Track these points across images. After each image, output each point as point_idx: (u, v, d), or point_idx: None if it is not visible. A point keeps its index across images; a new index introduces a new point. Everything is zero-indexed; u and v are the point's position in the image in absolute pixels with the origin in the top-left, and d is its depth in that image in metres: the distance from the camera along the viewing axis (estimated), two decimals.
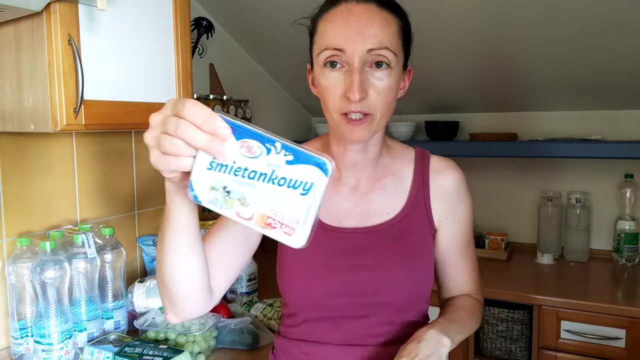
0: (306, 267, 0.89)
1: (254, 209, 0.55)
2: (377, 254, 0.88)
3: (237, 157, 0.55)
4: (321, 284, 0.88)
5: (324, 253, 0.88)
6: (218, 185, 0.55)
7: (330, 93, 0.81)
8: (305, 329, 0.91)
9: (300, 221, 0.54)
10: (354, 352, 0.88)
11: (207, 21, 1.84)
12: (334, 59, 0.79)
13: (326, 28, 0.81)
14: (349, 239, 0.89)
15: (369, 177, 0.92)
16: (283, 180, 0.54)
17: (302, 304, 0.91)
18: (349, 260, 0.88)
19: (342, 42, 0.78)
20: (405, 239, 0.89)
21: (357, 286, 0.87)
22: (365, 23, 0.78)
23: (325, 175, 0.53)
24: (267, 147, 0.56)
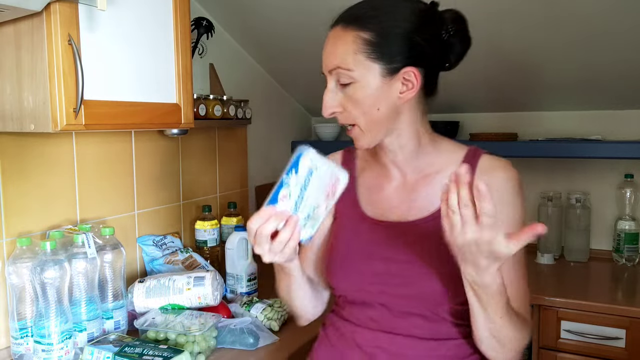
0: (345, 255, 0.97)
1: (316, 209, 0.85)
2: (408, 247, 0.91)
3: (292, 204, 0.83)
4: (356, 272, 0.94)
5: (365, 243, 0.95)
6: (302, 222, 0.84)
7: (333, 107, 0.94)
8: (348, 311, 0.99)
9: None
10: (387, 338, 0.92)
11: (207, 21, 1.84)
12: (327, 79, 0.93)
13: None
14: (388, 232, 0.93)
15: (415, 174, 0.96)
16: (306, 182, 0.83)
17: (340, 287, 0.98)
18: (383, 252, 0.92)
19: (323, 67, 0.93)
20: (437, 235, 0.88)
21: (388, 277, 0.91)
22: (329, 47, 0.91)
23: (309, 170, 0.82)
24: (286, 181, 0.83)
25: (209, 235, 1.76)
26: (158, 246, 1.63)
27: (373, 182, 1.00)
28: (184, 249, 1.67)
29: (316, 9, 1.79)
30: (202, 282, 1.37)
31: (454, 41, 0.91)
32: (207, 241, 1.76)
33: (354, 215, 0.98)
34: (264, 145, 2.33)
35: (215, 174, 1.98)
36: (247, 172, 2.18)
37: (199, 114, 1.64)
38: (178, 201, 1.78)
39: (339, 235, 1.00)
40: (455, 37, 0.91)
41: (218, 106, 1.72)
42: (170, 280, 1.39)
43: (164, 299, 1.37)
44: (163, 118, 1.25)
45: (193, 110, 1.38)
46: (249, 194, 2.20)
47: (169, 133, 1.62)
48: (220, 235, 1.83)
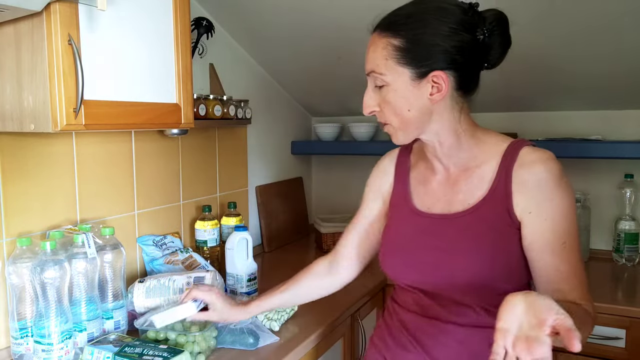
0: (394, 245, 1.06)
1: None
2: (447, 238, 0.97)
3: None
4: (403, 258, 1.03)
5: (411, 233, 1.03)
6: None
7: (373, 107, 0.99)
8: (398, 296, 1.09)
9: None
10: (431, 325, 0.99)
11: (207, 21, 1.84)
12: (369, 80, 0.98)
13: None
14: (432, 223, 1.00)
15: (457, 168, 1.01)
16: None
17: (391, 273, 1.07)
18: (427, 241, 0.99)
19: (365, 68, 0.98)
20: (476, 227, 0.94)
21: (433, 267, 0.98)
22: (368, 52, 0.96)
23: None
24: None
25: (209, 235, 1.76)
26: (158, 246, 1.63)
27: (422, 176, 1.07)
28: (184, 249, 1.67)
29: (316, 9, 1.79)
30: (202, 282, 1.37)
31: (493, 41, 0.94)
32: (207, 241, 1.77)
33: (405, 207, 1.06)
34: (264, 145, 2.33)
35: (215, 174, 1.98)
36: (247, 172, 2.18)
37: (199, 114, 1.64)
38: (178, 201, 1.78)
39: (390, 226, 1.09)
40: (493, 37, 0.93)
41: (218, 106, 1.72)
42: (170, 280, 1.39)
43: (164, 299, 1.37)
44: (163, 118, 1.25)
45: (193, 110, 1.38)
46: (249, 194, 2.20)
47: (169, 133, 1.62)
48: (220, 235, 1.83)
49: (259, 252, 2.21)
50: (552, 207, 0.89)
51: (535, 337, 0.65)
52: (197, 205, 1.86)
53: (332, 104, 2.56)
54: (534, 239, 0.91)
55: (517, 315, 0.67)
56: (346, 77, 2.20)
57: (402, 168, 1.11)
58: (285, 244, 2.37)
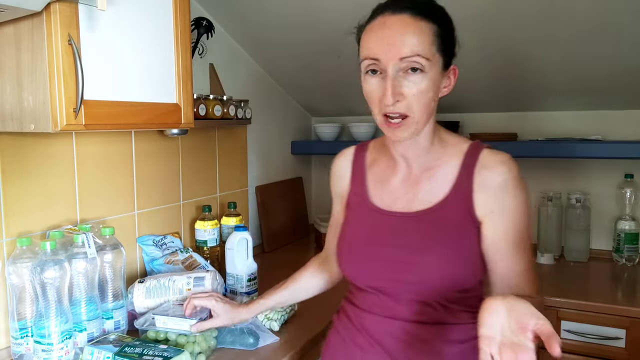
0: (352, 243, 1.03)
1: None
2: (413, 236, 0.96)
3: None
4: (362, 259, 1.01)
5: (371, 231, 1.01)
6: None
7: (371, 97, 0.92)
8: (356, 297, 1.06)
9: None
10: (392, 325, 0.97)
11: (207, 21, 1.84)
12: (373, 67, 0.90)
13: (365, 39, 0.92)
14: (395, 221, 0.99)
15: (420, 167, 1.00)
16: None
17: (348, 274, 1.05)
18: (389, 239, 0.98)
19: (377, 52, 0.88)
20: (441, 225, 0.95)
21: (392, 264, 0.96)
22: (398, 33, 0.87)
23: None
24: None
25: (209, 235, 1.76)
26: (158, 246, 1.63)
27: (381, 174, 1.05)
28: (184, 249, 1.67)
29: (316, 9, 1.79)
30: (202, 283, 1.37)
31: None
32: (207, 241, 1.77)
33: (363, 205, 1.04)
34: (264, 145, 2.33)
35: (215, 174, 1.98)
36: (247, 172, 2.18)
37: (199, 114, 1.64)
38: (178, 201, 1.78)
39: (348, 224, 1.07)
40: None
41: (218, 106, 1.72)
42: (170, 281, 1.39)
43: (164, 299, 1.37)
44: (163, 118, 1.25)
45: (193, 110, 1.38)
46: (249, 194, 2.20)
47: (169, 133, 1.62)
48: (220, 235, 1.83)
49: (259, 252, 2.21)
50: (513, 206, 0.93)
51: (520, 343, 0.66)
52: (197, 205, 1.86)
53: (332, 104, 2.56)
54: (496, 237, 0.93)
55: (499, 320, 0.69)
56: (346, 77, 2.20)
57: (359, 167, 1.09)
58: (285, 244, 2.37)
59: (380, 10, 0.91)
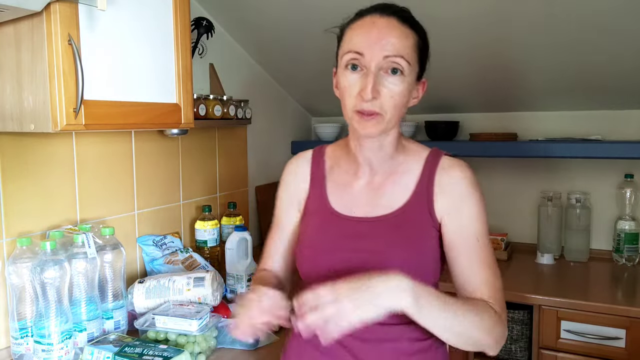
0: (316, 248, 1.02)
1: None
2: (377, 239, 0.97)
3: None
4: (327, 262, 0.99)
5: (333, 236, 1.00)
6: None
7: (348, 92, 0.92)
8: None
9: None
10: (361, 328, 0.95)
11: (207, 21, 1.84)
12: (355, 62, 0.91)
13: (351, 35, 0.94)
14: (356, 226, 0.99)
15: (383, 173, 1.01)
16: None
17: (311, 279, 1.01)
18: (353, 244, 0.98)
19: (363, 47, 0.90)
20: (404, 228, 0.97)
21: (354, 268, 0.94)
22: (385, 33, 0.90)
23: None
24: None
25: (209, 235, 1.76)
26: (158, 246, 1.63)
27: (341, 180, 1.05)
28: (184, 249, 1.67)
29: (316, 10, 1.79)
30: (202, 283, 1.37)
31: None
32: (207, 241, 1.77)
33: (323, 210, 1.04)
34: (264, 145, 2.33)
35: (215, 174, 1.98)
36: (247, 172, 2.18)
37: (199, 114, 1.64)
38: (178, 201, 1.78)
39: (308, 230, 1.05)
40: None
41: (218, 106, 1.72)
42: (170, 281, 1.39)
43: (164, 300, 1.37)
44: (163, 118, 1.25)
45: (193, 110, 1.38)
46: (249, 194, 2.20)
47: (169, 133, 1.62)
48: (220, 235, 1.83)
49: (259, 252, 2.20)
50: (468, 208, 0.97)
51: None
52: (197, 205, 1.86)
53: (332, 104, 2.55)
54: (453, 237, 0.97)
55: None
56: None
57: (318, 172, 1.08)
58: None
59: (368, 12, 0.94)
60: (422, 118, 2.36)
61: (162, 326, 1.23)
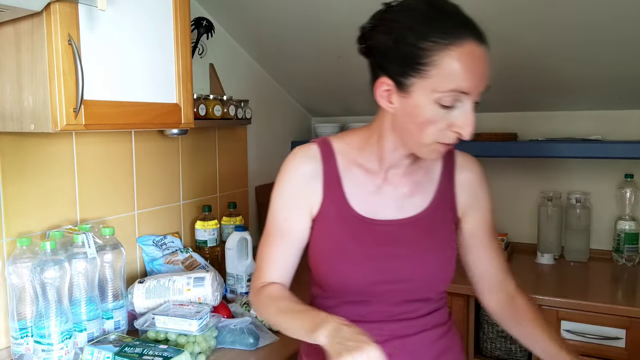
0: (346, 258, 0.95)
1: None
2: (411, 243, 0.96)
3: None
4: (361, 273, 0.94)
5: (362, 244, 0.95)
6: None
7: (436, 126, 0.84)
8: (343, 311, 0.94)
9: None
10: (387, 326, 0.96)
11: (207, 21, 1.84)
12: (454, 99, 0.82)
13: (452, 67, 0.81)
14: (387, 230, 0.96)
15: (404, 174, 0.99)
16: None
17: (343, 291, 0.97)
18: (385, 250, 0.95)
19: (470, 86, 0.82)
20: (435, 229, 0.98)
21: (394, 273, 0.95)
22: (486, 69, 0.84)
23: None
24: None
25: (209, 235, 1.76)
26: (158, 246, 1.63)
27: (361, 180, 0.98)
28: (184, 249, 1.67)
29: (316, 10, 1.79)
30: (202, 283, 1.37)
31: None
32: (207, 241, 1.77)
33: (344, 214, 0.96)
34: (264, 145, 2.33)
35: (215, 174, 1.98)
36: (247, 172, 2.18)
37: (199, 114, 1.64)
38: (178, 201, 1.78)
39: (333, 238, 0.96)
40: None
41: (218, 106, 1.72)
42: (170, 281, 1.39)
43: (164, 300, 1.37)
44: (163, 118, 1.25)
45: (193, 110, 1.38)
46: (249, 194, 2.20)
47: (169, 133, 1.62)
48: (220, 235, 1.83)
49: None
50: (485, 198, 1.05)
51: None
52: (197, 205, 1.86)
53: (332, 104, 2.56)
54: (478, 228, 1.04)
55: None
56: (346, 77, 2.20)
57: (331, 173, 0.97)
58: None
59: (465, 35, 0.82)
60: None
61: (162, 326, 1.23)
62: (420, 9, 0.85)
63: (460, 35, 0.81)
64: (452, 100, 0.82)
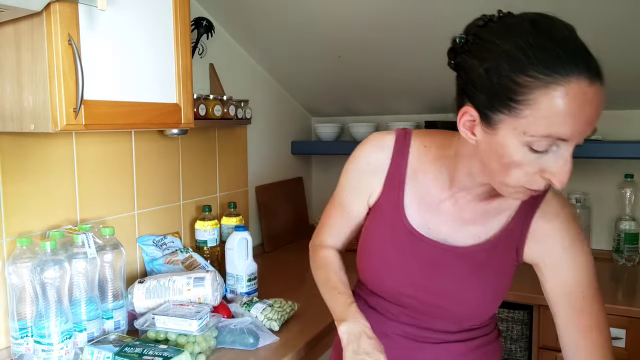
0: (382, 260, 0.94)
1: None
2: (453, 275, 0.89)
3: None
4: (395, 282, 0.94)
5: (402, 254, 0.92)
6: None
7: (524, 170, 0.72)
8: (376, 301, 1.00)
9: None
10: (411, 345, 0.96)
11: (207, 21, 1.84)
12: (549, 145, 0.69)
13: (551, 111, 0.66)
14: (433, 252, 0.90)
15: (474, 197, 0.88)
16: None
17: (374, 287, 0.99)
18: (425, 270, 0.90)
19: (570, 133, 0.68)
20: (487, 269, 0.88)
21: (425, 295, 0.92)
22: (596, 112, 0.68)
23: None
24: None
25: (209, 235, 1.76)
26: (158, 246, 1.63)
27: (424, 190, 0.91)
28: (184, 249, 1.67)
29: (316, 9, 1.79)
30: (202, 283, 1.37)
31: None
32: (207, 241, 1.77)
33: (397, 222, 0.92)
34: (264, 145, 2.33)
35: (215, 174, 1.98)
36: (247, 172, 2.18)
37: (199, 114, 1.64)
38: (178, 201, 1.78)
39: (378, 239, 0.95)
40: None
41: (218, 106, 1.72)
42: (170, 281, 1.39)
43: (164, 300, 1.37)
44: (163, 118, 1.25)
45: (193, 110, 1.38)
46: (249, 194, 2.20)
47: (169, 133, 1.62)
48: (220, 235, 1.83)
49: (259, 252, 2.20)
50: (571, 260, 0.85)
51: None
52: (197, 205, 1.86)
53: (332, 104, 2.56)
54: (551, 291, 0.86)
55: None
56: (346, 77, 2.20)
57: (397, 171, 0.92)
58: (285, 244, 2.37)
59: (573, 71, 0.68)
60: (422, 118, 2.36)
61: (162, 326, 1.23)
62: (524, 31, 0.72)
63: (567, 72, 0.67)
64: (547, 146, 0.69)
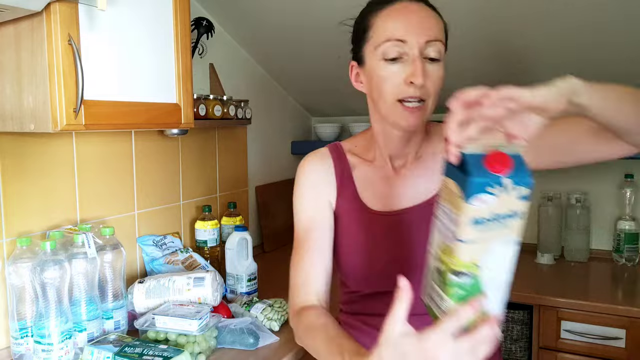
0: (359, 251, 0.98)
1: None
2: (423, 229, 0.92)
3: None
4: (375, 266, 0.96)
5: (373, 236, 0.97)
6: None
7: (390, 82, 0.88)
8: (369, 304, 1.00)
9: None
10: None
11: (207, 21, 1.84)
12: (395, 50, 0.86)
13: (386, 23, 0.88)
14: (396, 220, 0.96)
15: (411, 160, 1.00)
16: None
17: (362, 284, 1.00)
18: (397, 240, 0.95)
19: (404, 33, 0.86)
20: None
21: (408, 262, 0.94)
22: (423, 18, 0.87)
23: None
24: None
25: (209, 235, 1.76)
26: (158, 246, 1.63)
27: (369, 175, 1.01)
28: (184, 249, 1.67)
29: (316, 9, 1.79)
30: (202, 283, 1.37)
31: None
32: (207, 241, 1.77)
33: (358, 210, 0.99)
34: (264, 145, 2.33)
35: (215, 174, 1.98)
36: (247, 172, 2.18)
37: (199, 114, 1.64)
38: (178, 201, 1.78)
39: (347, 232, 1.00)
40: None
41: (218, 106, 1.72)
42: (170, 281, 1.39)
43: (164, 300, 1.37)
44: (163, 118, 1.25)
45: (193, 110, 1.38)
46: (249, 194, 2.20)
47: (169, 133, 1.62)
48: (220, 235, 1.83)
49: (259, 252, 2.21)
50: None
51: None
52: (197, 205, 1.86)
53: (332, 104, 2.56)
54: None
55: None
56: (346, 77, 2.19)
57: (343, 172, 1.02)
58: (285, 244, 2.37)
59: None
60: None
61: (162, 326, 1.23)
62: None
63: (392, 1, 0.89)
64: (396, 53, 0.86)
